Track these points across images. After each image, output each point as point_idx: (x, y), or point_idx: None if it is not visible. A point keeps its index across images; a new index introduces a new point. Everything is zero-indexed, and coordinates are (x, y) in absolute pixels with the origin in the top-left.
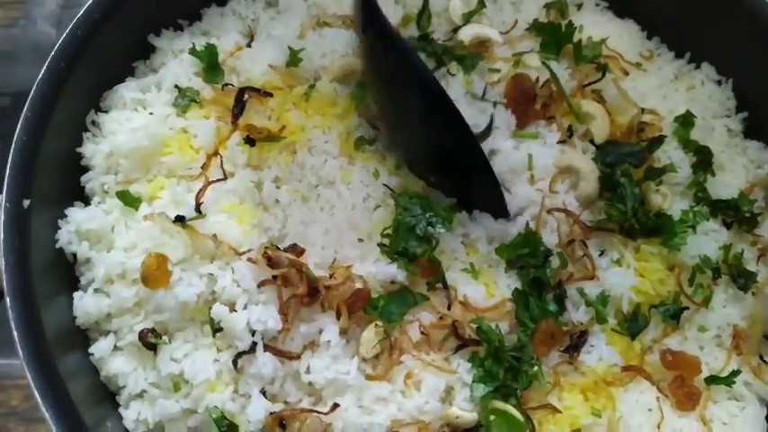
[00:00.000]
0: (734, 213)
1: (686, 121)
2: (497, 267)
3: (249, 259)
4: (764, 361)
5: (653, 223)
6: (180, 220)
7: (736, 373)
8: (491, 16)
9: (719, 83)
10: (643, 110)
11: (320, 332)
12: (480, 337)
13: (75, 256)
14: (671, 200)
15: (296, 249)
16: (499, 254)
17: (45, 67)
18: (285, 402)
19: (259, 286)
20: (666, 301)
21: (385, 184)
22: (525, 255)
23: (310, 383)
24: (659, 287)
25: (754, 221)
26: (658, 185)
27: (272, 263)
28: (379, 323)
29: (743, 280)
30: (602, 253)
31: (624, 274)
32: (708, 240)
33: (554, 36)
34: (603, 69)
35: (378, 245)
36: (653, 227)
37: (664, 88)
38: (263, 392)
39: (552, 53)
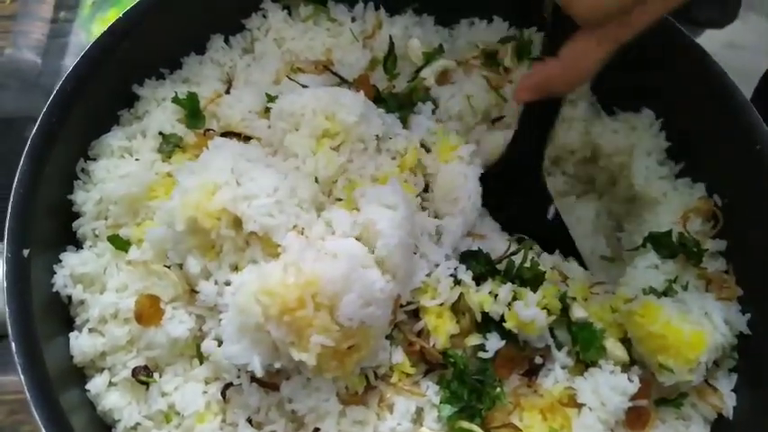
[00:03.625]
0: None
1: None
2: None
3: None
4: (709, 384)
5: None
6: None
7: (683, 395)
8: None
9: None
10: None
11: None
12: (446, 362)
13: (70, 298)
14: None
15: None
16: None
17: (38, 123)
18: (270, 430)
19: None
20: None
21: None
22: None
23: (293, 411)
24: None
25: (700, 254)
26: None
27: None
28: None
29: None
30: None
31: None
32: (656, 273)
33: None
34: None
35: None
36: None
37: None
38: (250, 421)
39: None
